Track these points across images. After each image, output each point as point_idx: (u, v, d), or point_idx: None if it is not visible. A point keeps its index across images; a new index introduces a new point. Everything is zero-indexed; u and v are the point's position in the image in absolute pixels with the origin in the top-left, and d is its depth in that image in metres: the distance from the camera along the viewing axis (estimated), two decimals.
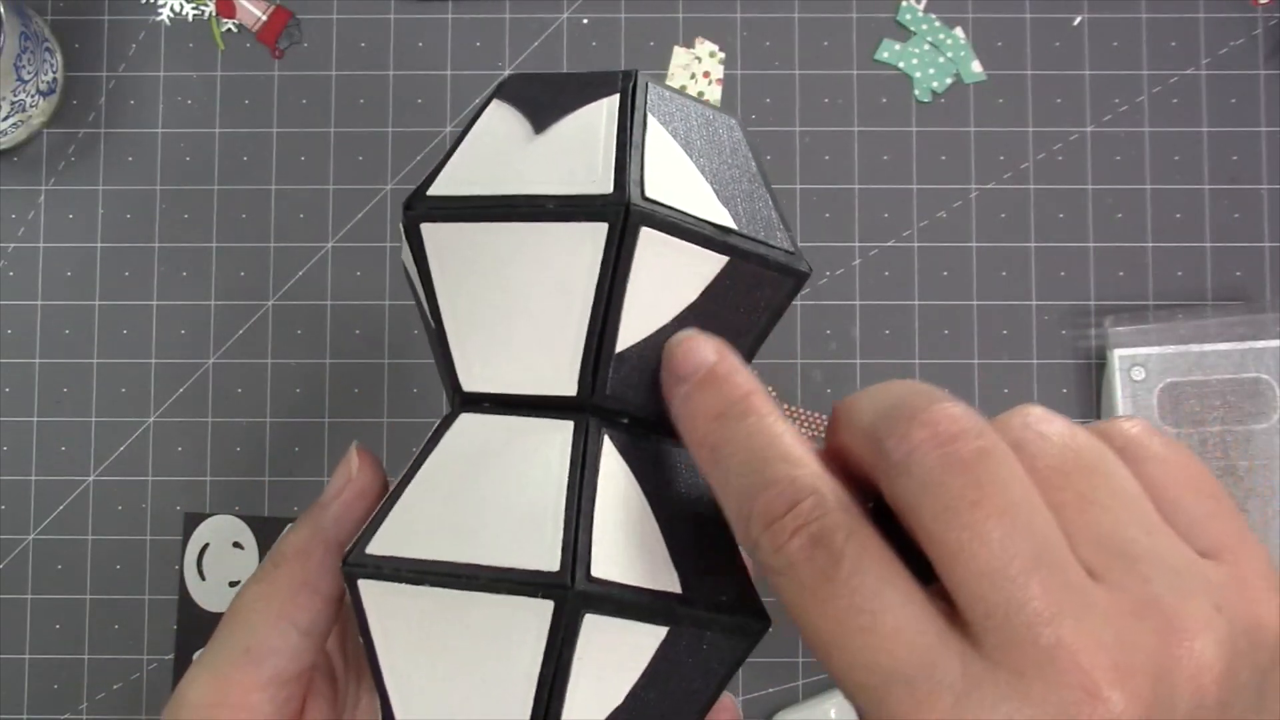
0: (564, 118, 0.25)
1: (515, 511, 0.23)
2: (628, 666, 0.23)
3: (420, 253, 0.25)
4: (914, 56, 0.57)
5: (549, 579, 0.22)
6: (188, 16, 0.57)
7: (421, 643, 0.23)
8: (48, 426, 0.56)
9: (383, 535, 0.24)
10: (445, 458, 0.25)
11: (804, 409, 0.56)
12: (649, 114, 0.25)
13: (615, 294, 0.24)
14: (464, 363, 0.25)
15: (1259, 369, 0.52)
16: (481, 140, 0.26)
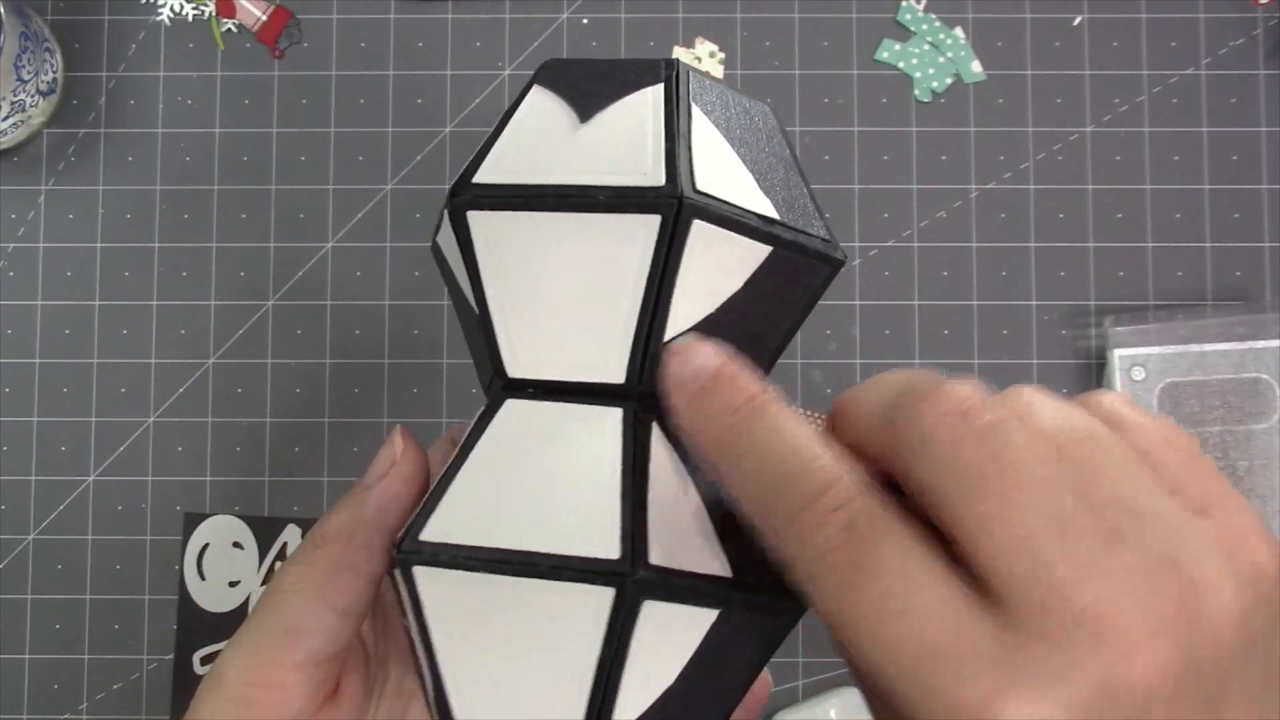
0: (609, 106, 0.25)
1: (571, 499, 0.23)
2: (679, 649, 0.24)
3: (466, 240, 0.25)
4: (914, 56, 0.57)
5: (610, 567, 0.22)
6: (188, 16, 0.57)
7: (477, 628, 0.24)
8: (48, 426, 0.56)
9: (436, 522, 0.24)
10: (494, 444, 0.25)
11: (804, 409, 0.56)
12: (692, 103, 0.25)
13: (666, 285, 0.24)
14: (509, 350, 0.25)
15: (1259, 369, 0.52)
16: (526, 127, 0.26)
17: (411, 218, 0.56)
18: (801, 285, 0.26)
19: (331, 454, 0.56)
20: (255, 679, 0.26)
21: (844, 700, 0.53)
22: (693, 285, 0.24)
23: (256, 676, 0.26)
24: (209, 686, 0.26)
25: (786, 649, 0.55)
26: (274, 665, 0.26)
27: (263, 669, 0.26)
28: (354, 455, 0.56)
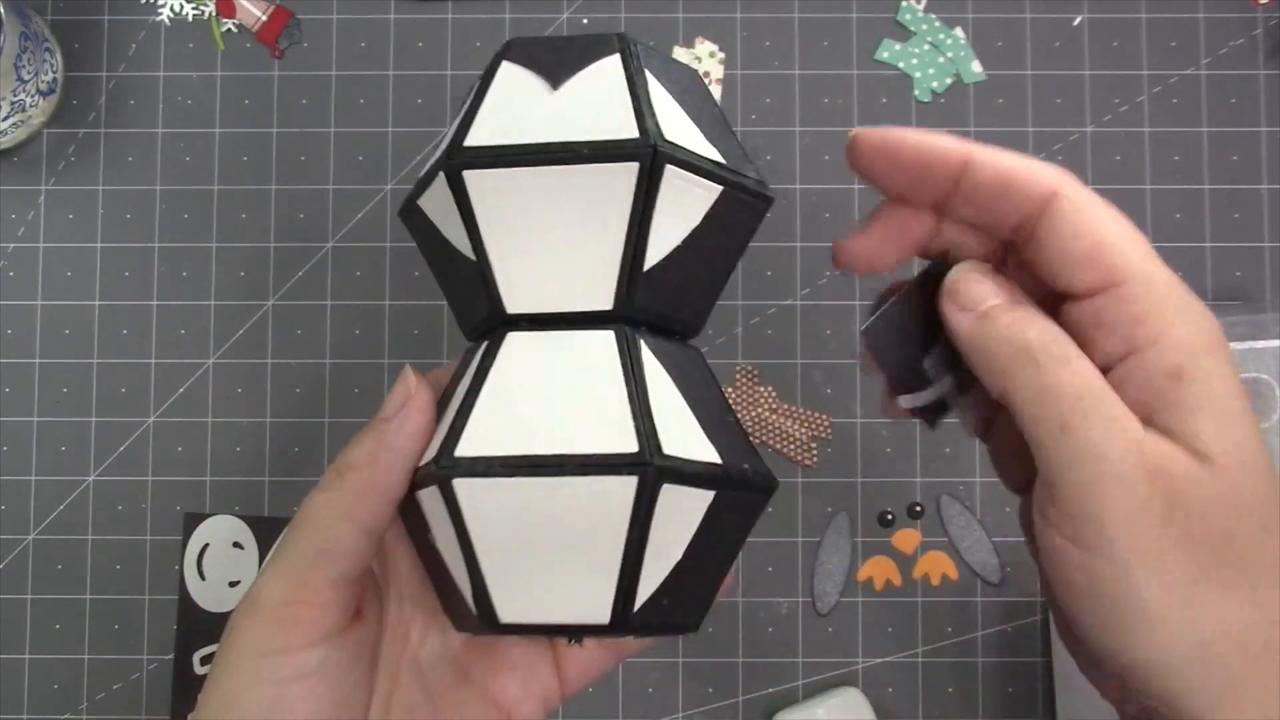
0: (574, 75, 0.29)
1: (585, 407, 0.27)
2: (685, 527, 0.28)
3: (463, 197, 0.28)
4: (914, 56, 0.57)
5: (631, 459, 0.26)
6: (188, 16, 0.57)
7: (514, 530, 0.27)
8: (48, 426, 0.56)
9: (467, 439, 0.27)
10: (506, 370, 0.28)
11: (804, 409, 0.56)
12: (645, 69, 0.29)
13: (644, 222, 0.28)
14: (508, 289, 0.29)
15: (1259, 369, 0.52)
16: (503, 96, 0.29)
17: None
18: (744, 219, 0.31)
19: (331, 454, 0.56)
20: (294, 597, 0.28)
21: (844, 700, 0.53)
22: (663, 222, 0.28)
23: (295, 595, 0.28)
24: (246, 610, 0.28)
25: (787, 649, 0.55)
26: (309, 584, 0.28)
27: (299, 588, 0.28)
28: None
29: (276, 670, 0.28)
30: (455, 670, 0.33)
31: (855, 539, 0.55)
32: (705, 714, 0.55)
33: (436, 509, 0.28)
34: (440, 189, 0.29)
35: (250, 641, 0.28)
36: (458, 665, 0.33)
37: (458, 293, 0.31)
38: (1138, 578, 0.24)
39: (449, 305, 0.33)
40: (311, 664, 0.28)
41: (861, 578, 0.55)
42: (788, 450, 0.55)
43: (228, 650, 0.28)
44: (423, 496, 0.28)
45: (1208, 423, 0.24)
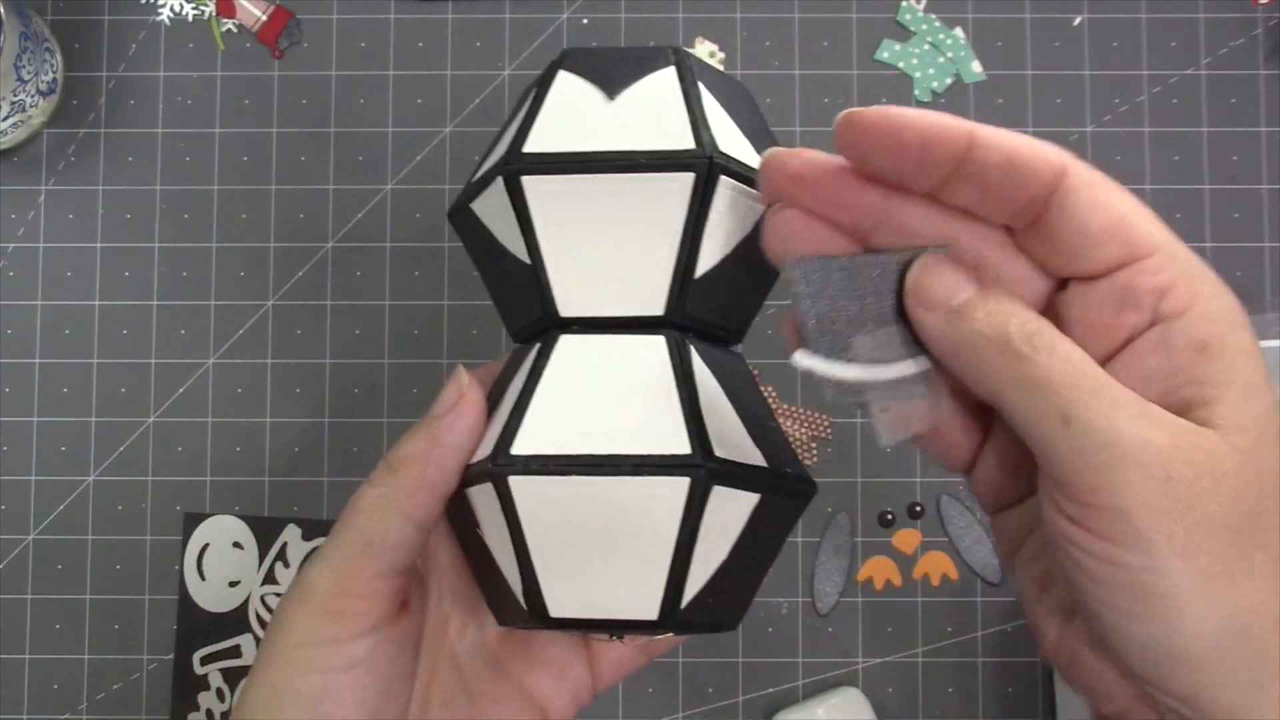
0: (631, 85, 0.30)
1: (638, 410, 0.28)
2: (732, 528, 0.28)
3: (521, 201, 0.29)
4: (914, 56, 0.57)
5: (684, 460, 0.27)
6: (188, 16, 0.57)
7: (567, 527, 0.27)
8: (48, 426, 0.56)
9: (523, 437, 0.28)
10: (560, 371, 0.29)
11: (804, 409, 0.56)
12: (699, 82, 0.30)
13: (697, 231, 0.29)
14: (563, 292, 0.29)
15: None
16: (561, 104, 0.30)
17: (412, 217, 0.56)
18: None
19: (331, 454, 0.56)
20: (343, 589, 0.29)
21: (844, 700, 0.53)
22: (715, 231, 0.29)
23: (344, 586, 0.29)
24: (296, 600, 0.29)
25: (787, 649, 0.55)
26: (359, 577, 0.29)
27: (349, 580, 0.29)
28: (354, 455, 0.56)
29: (326, 660, 0.28)
30: (491, 665, 0.34)
31: (855, 539, 0.55)
32: (705, 714, 0.55)
33: (489, 505, 0.28)
34: (497, 193, 0.29)
35: (301, 631, 0.29)
36: (494, 660, 0.34)
37: (508, 294, 0.32)
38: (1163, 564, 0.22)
39: (496, 305, 0.33)
40: (359, 654, 0.29)
41: (861, 578, 0.55)
42: None
43: (277, 640, 0.29)
44: (474, 493, 0.29)
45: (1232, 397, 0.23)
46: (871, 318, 0.26)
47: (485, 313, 0.56)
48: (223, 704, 0.55)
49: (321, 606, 0.29)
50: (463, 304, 0.56)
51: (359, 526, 0.29)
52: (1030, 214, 0.25)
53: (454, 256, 0.56)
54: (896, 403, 0.27)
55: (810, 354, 0.27)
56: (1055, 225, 0.25)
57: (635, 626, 0.28)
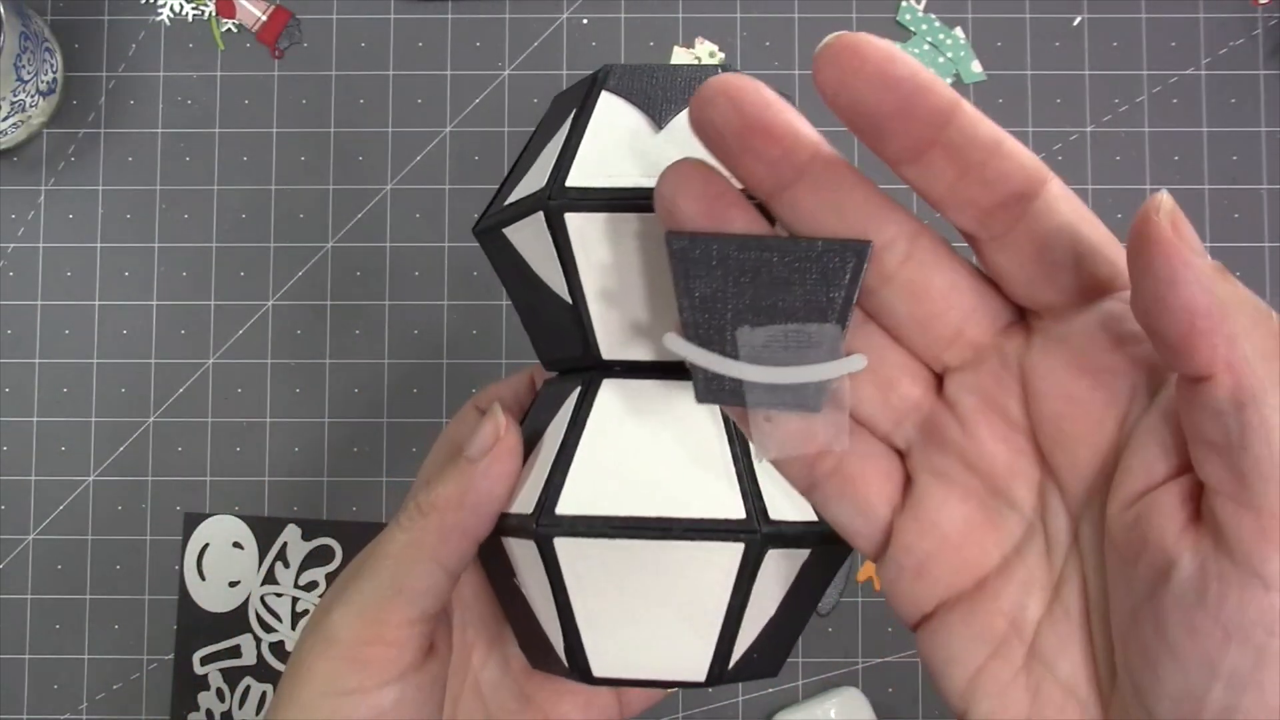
0: (680, 113, 0.27)
1: (689, 468, 0.27)
2: (780, 585, 0.27)
3: (564, 239, 0.27)
4: (914, 56, 0.57)
5: (739, 525, 0.26)
6: (188, 16, 0.57)
7: (613, 589, 0.26)
8: (48, 426, 0.56)
9: (568, 496, 0.26)
10: (604, 421, 0.27)
11: None
12: None
13: None
14: (605, 334, 0.27)
15: None
16: (605, 132, 0.27)
17: (412, 217, 0.56)
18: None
19: (331, 454, 0.56)
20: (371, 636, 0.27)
21: (844, 700, 0.53)
22: None
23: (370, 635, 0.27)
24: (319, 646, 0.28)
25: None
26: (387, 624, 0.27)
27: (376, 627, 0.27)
28: (354, 455, 0.56)
29: (352, 710, 0.27)
30: (516, 695, 0.33)
31: None
32: (705, 714, 0.55)
33: (529, 559, 0.27)
34: (536, 225, 0.27)
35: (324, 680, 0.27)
36: (518, 690, 0.33)
37: (543, 325, 0.30)
38: None
39: (526, 330, 0.32)
40: (386, 703, 0.27)
41: (861, 578, 0.55)
42: None
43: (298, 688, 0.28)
44: (513, 543, 0.28)
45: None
46: (767, 309, 0.22)
47: (485, 312, 0.56)
48: (223, 704, 0.55)
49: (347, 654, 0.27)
50: (463, 304, 0.56)
51: (388, 571, 0.28)
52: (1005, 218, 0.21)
53: (454, 256, 0.56)
54: (782, 414, 0.23)
55: (682, 339, 0.23)
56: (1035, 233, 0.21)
57: (683, 685, 0.28)
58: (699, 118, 0.21)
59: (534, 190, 0.28)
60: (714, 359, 0.23)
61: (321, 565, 0.55)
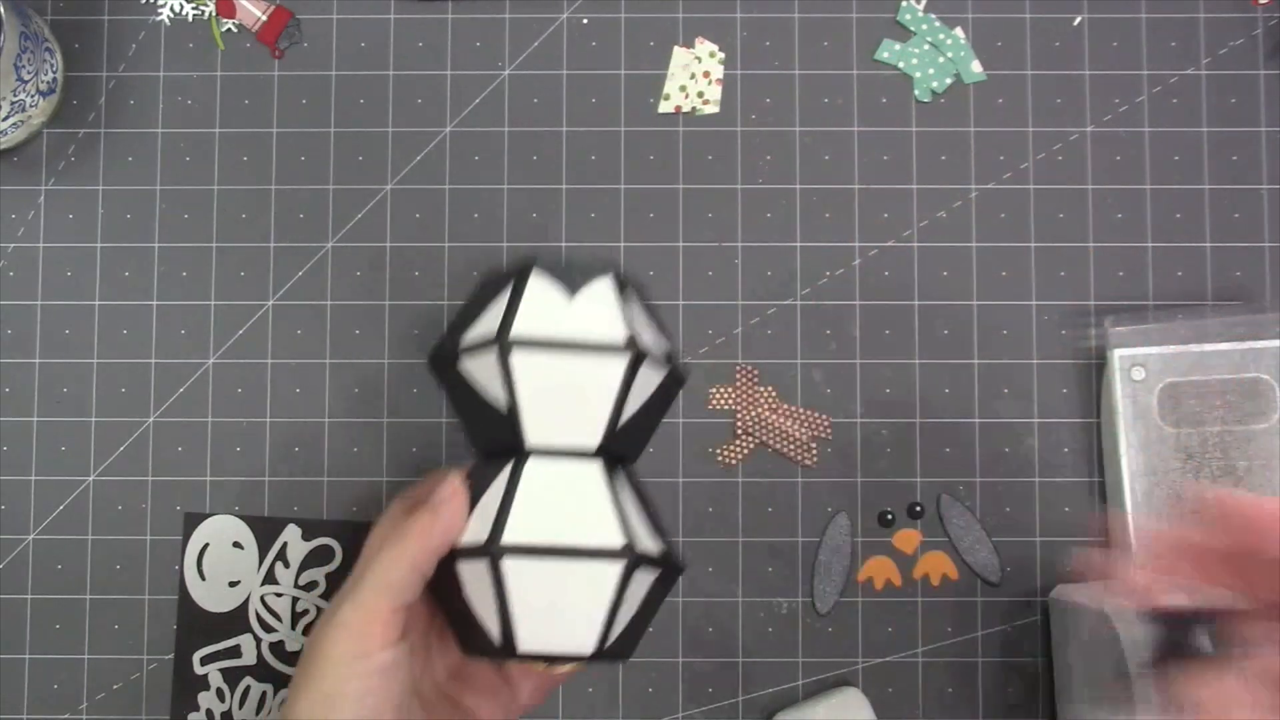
0: (584, 288, 0.43)
1: (588, 513, 0.41)
2: (637, 597, 0.41)
3: (508, 370, 0.41)
4: (914, 56, 0.57)
5: (621, 552, 0.40)
6: (188, 16, 0.57)
7: (538, 593, 0.40)
8: (48, 426, 0.56)
9: (510, 530, 0.40)
10: (531, 483, 0.41)
11: (804, 409, 0.56)
12: (626, 289, 0.44)
13: (625, 395, 0.42)
14: (532, 430, 0.42)
15: (1259, 369, 0.52)
16: (537, 298, 0.42)
17: (411, 217, 0.56)
18: (672, 389, 0.45)
19: (332, 454, 0.56)
20: (370, 618, 0.39)
21: (844, 700, 0.53)
22: (634, 395, 0.42)
23: (370, 616, 0.39)
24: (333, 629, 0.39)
25: (787, 649, 0.55)
26: (381, 610, 0.39)
27: (374, 611, 0.39)
28: (354, 455, 0.56)
29: (364, 668, 0.39)
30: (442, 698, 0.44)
31: (855, 539, 0.55)
32: (705, 714, 0.55)
33: (478, 574, 0.40)
34: (488, 359, 0.41)
35: (342, 649, 0.39)
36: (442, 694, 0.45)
37: (482, 426, 0.44)
38: None
39: (464, 426, 0.45)
40: (386, 663, 0.40)
41: (861, 578, 0.55)
42: (788, 450, 0.55)
43: (321, 658, 0.39)
44: (464, 565, 0.40)
45: None
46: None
47: None
48: (223, 704, 0.55)
49: (355, 631, 0.39)
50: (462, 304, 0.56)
51: (379, 574, 0.40)
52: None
53: (453, 256, 0.56)
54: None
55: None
56: None
57: (575, 659, 0.40)
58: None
59: (486, 337, 0.42)
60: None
61: (321, 565, 0.55)
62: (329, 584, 0.55)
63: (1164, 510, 0.51)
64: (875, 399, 0.56)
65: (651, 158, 0.57)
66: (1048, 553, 0.55)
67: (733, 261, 0.56)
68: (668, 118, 0.57)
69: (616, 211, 0.56)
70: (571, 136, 0.57)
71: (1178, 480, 0.51)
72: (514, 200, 0.56)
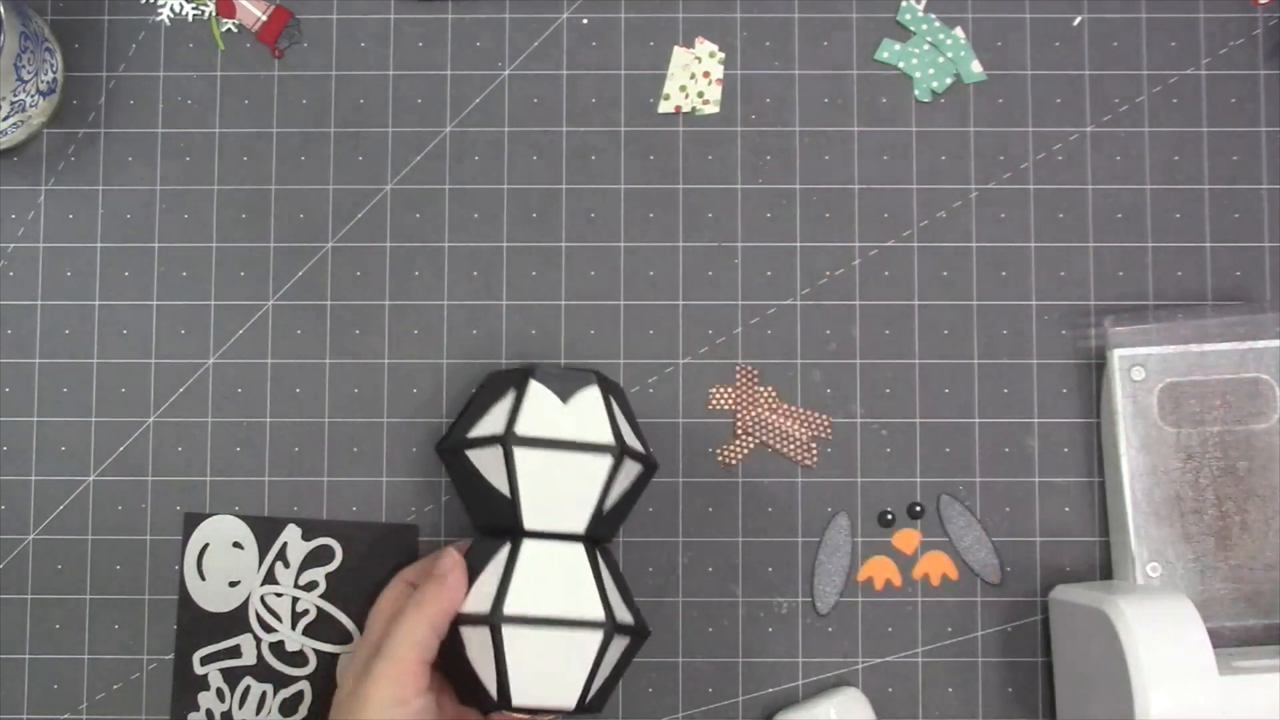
0: (576, 394, 0.50)
1: (574, 589, 0.48)
2: (613, 659, 0.49)
3: (512, 463, 0.48)
4: (914, 56, 0.57)
5: (601, 622, 0.48)
6: (188, 16, 0.57)
7: (530, 654, 0.47)
8: (48, 426, 0.56)
9: (509, 602, 0.47)
10: (527, 561, 0.48)
11: (804, 409, 0.56)
12: (610, 396, 0.51)
13: (610, 485, 0.49)
14: (529, 515, 0.49)
15: (1259, 369, 0.52)
16: (535, 402, 0.49)
17: (411, 217, 0.56)
18: (646, 479, 0.52)
19: (331, 454, 0.56)
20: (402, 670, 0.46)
21: (844, 700, 0.53)
22: (618, 485, 0.50)
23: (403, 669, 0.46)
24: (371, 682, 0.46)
25: (787, 649, 0.55)
26: (410, 662, 0.46)
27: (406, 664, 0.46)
28: (354, 455, 0.56)
29: (403, 713, 0.46)
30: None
31: (855, 539, 0.55)
32: (705, 714, 0.55)
33: (480, 638, 0.47)
34: (494, 453, 0.49)
35: (383, 694, 0.46)
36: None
37: (485, 509, 0.51)
38: None
39: (466, 509, 0.53)
40: (419, 708, 0.46)
41: (861, 578, 0.55)
42: (788, 450, 0.55)
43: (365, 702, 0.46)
44: (468, 630, 0.48)
45: None
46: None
47: (485, 312, 0.56)
48: (223, 704, 0.55)
49: (393, 681, 0.46)
50: (462, 304, 0.56)
51: (405, 634, 0.47)
52: None
53: (453, 256, 0.56)
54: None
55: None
56: None
57: (560, 712, 0.48)
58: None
59: (494, 432, 0.49)
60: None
61: (321, 565, 0.55)
62: (329, 584, 0.55)
63: (1164, 510, 0.51)
64: (875, 399, 0.56)
65: (651, 158, 0.57)
66: (1048, 553, 0.55)
67: (733, 261, 0.56)
68: (668, 118, 0.57)
69: (616, 211, 0.56)
70: (571, 136, 0.57)
71: (1178, 480, 0.51)
72: (514, 200, 0.56)
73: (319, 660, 0.55)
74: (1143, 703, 0.43)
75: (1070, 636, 0.52)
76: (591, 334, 0.56)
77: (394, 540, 0.55)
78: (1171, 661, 0.44)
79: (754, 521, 0.55)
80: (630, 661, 0.50)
